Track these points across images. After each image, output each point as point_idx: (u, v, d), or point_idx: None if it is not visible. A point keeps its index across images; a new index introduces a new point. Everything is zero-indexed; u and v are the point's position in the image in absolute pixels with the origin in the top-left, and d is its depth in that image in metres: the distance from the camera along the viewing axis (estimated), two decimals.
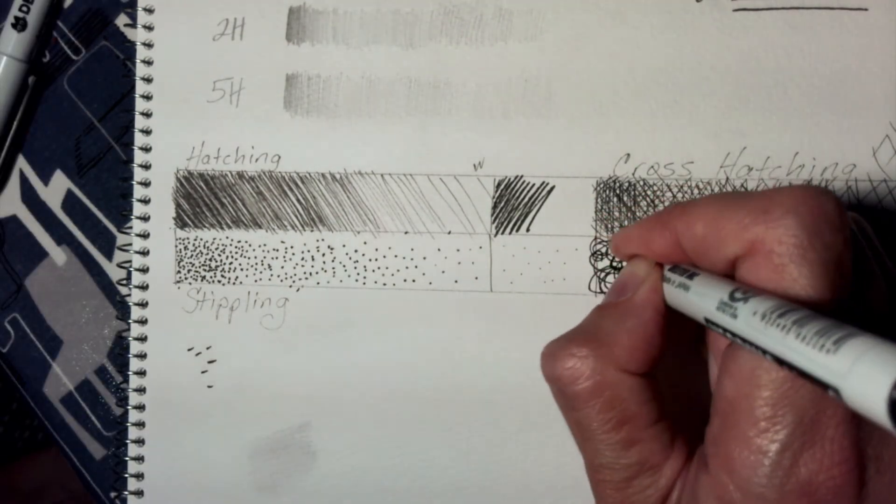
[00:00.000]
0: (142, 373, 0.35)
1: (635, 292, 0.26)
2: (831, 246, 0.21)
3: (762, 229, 0.21)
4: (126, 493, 0.35)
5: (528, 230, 0.33)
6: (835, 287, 0.20)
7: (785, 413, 0.20)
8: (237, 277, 0.34)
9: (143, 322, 0.35)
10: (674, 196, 0.32)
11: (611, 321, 0.25)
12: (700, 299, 0.22)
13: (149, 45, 0.35)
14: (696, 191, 0.32)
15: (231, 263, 0.35)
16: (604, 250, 0.33)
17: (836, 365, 0.17)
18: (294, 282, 0.34)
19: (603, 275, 0.32)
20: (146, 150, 0.35)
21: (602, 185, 0.33)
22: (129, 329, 0.35)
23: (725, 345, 0.22)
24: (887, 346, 0.16)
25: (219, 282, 0.35)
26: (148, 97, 0.35)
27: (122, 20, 0.37)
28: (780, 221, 0.21)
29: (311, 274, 0.34)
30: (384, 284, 0.34)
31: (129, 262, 0.35)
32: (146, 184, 0.35)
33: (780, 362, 0.19)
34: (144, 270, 0.35)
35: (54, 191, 0.37)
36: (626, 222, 0.32)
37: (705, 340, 0.26)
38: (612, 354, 0.24)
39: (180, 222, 0.35)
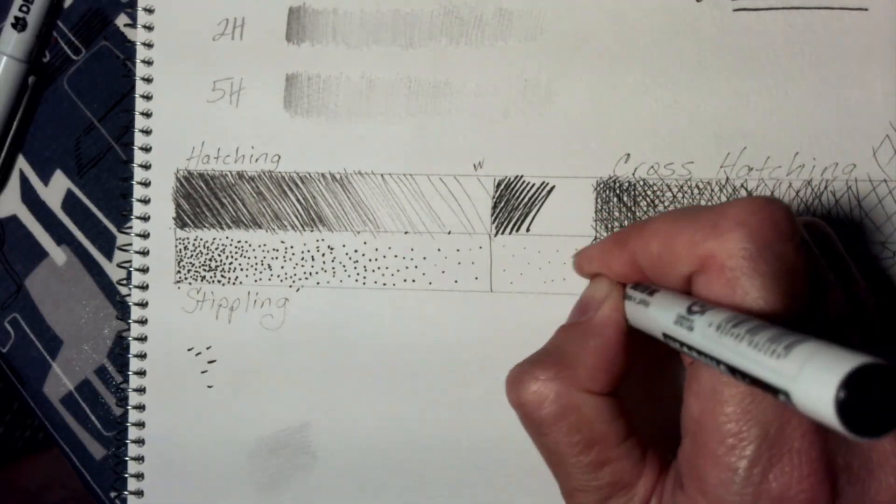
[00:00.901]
0: (142, 373, 0.35)
1: (596, 312, 0.26)
2: (782, 255, 0.21)
3: (713, 244, 0.21)
4: (126, 493, 0.35)
5: (528, 230, 0.33)
6: (788, 296, 0.20)
7: (750, 428, 0.20)
8: (237, 277, 0.34)
9: (143, 322, 0.35)
10: (674, 196, 0.32)
11: (573, 342, 0.25)
12: (659, 315, 0.22)
13: (149, 45, 0.35)
14: (695, 191, 0.32)
15: (231, 263, 0.35)
16: None
17: (786, 368, 0.17)
18: (294, 282, 0.34)
19: None
20: (146, 150, 0.35)
21: (602, 185, 0.33)
22: (129, 329, 0.35)
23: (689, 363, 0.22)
24: (835, 349, 0.16)
25: (219, 282, 0.35)
26: (148, 97, 0.35)
27: (122, 20, 0.37)
28: (729, 235, 0.21)
29: (311, 274, 0.34)
30: (384, 284, 0.34)
31: (129, 262, 0.35)
32: (146, 184, 0.35)
33: (734, 372, 0.19)
34: (144, 270, 0.35)
35: (54, 191, 0.37)
36: (625, 222, 0.32)
37: (674, 356, 0.26)
38: (575, 376, 0.24)
39: (180, 222, 0.35)
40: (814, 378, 0.16)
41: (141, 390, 0.35)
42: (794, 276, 0.21)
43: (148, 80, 0.35)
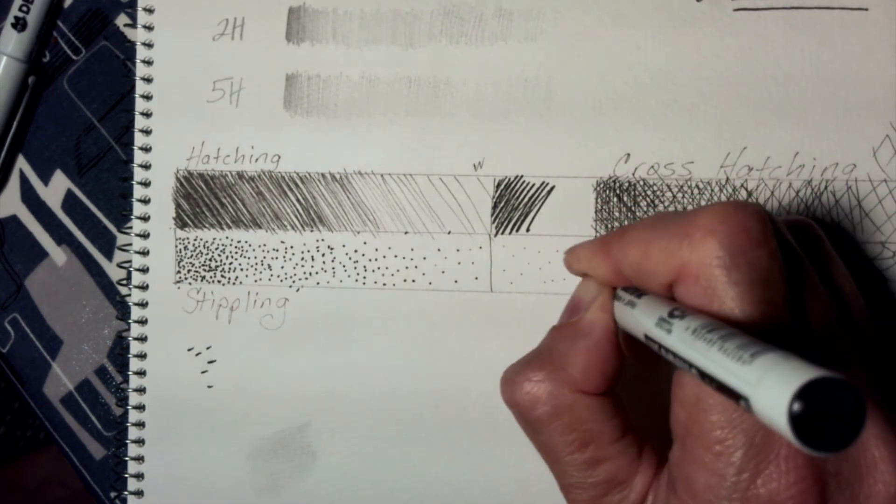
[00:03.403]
0: (142, 373, 0.35)
1: (585, 312, 0.26)
2: (755, 262, 0.21)
3: (686, 254, 0.21)
4: (126, 493, 0.35)
5: (528, 230, 0.33)
6: (764, 304, 0.20)
7: (735, 435, 0.20)
8: (237, 277, 0.34)
9: (143, 322, 0.35)
10: (674, 196, 0.32)
11: (563, 343, 0.25)
12: (642, 316, 0.22)
13: (149, 45, 0.35)
14: (695, 191, 0.32)
15: (231, 263, 0.35)
16: None
17: (749, 375, 0.17)
18: (294, 282, 0.34)
19: None
20: (146, 150, 0.35)
21: (602, 185, 0.33)
22: (129, 329, 0.35)
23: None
24: (797, 361, 0.16)
25: (219, 282, 0.35)
26: (148, 97, 0.35)
27: (122, 20, 0.37)
28: (701, 244, 0.21)
29: (311, 274, 0.34)
30: (384, 284, 0.34)
31: (129, 262, 0.35)
32: (146, 184, 0.35)
33: (703, 376, 0.19)
34: (144, 270, 0.35)
35: (54, 191, 0.37)
36: (625, 222, 0.32)
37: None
38: (567, 377, 0.24)
39: (180, 222, 0.35)
40: (772, 387, 0.16)
41: (141, 390, 0.35)
42: (770, 282, 0.21)
43: (148, 80, 0.35)
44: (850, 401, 0.15)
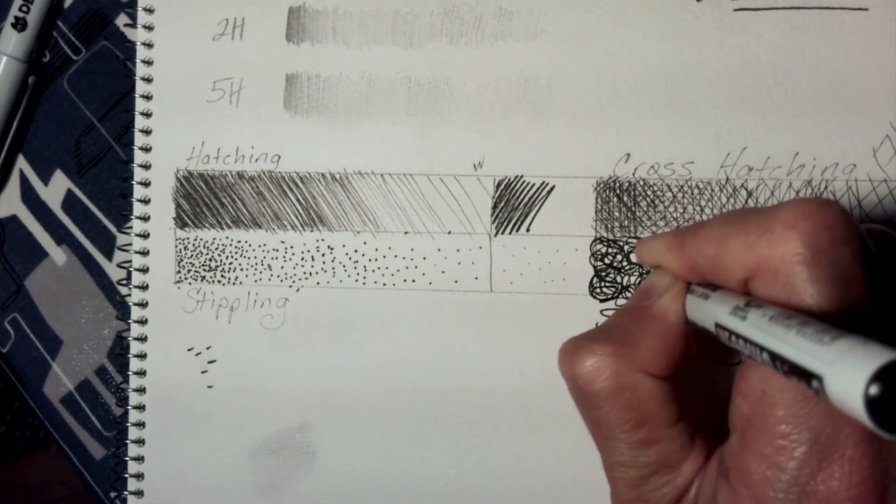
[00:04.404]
0: (142, 373, 0.35)
1: (659, 298, 0.26)
2: (837, 261, 0.20)
3: (766, 250, 0.21)
4: (126, 493, 0.35)
5: (528, 230, 0.33)
6: (845, 302, 0.20)
7: (801, 431, 0.20)
8: (237, 277, 0.34)
9: (143, 322, 0.35)
10: (674, 196, 0.32)
11: (634, 323, 0.25)
12: (716, 306, 0.22)
13: (149, 45, 0.35)
14: (695, 191, 0.32)
15: (231, 263, 0.35)
16: (604, 250, 0.33)
17: (826, 355, 0.16)
18: (294, 282, 0.34)
19: (603, 274, 0.32)
20: (146, 150, 0.35)
21: (602, 185, 0.33)
22: (129, 329, 0.35)
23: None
24: (879, 345, 0.16)
25: (219, 282, 0.35)
26: (148, 97, 0.35)
27: (122, 20, 0.37)
28: (782, 239, 0.20)
29: (311, 274, 0.34)
30: (384, 284, 0.34)
31: (129, 262, 0.35)
32: (146, 184, 0.35)
33: (775, 360, 0.19)
34: (144, 270, 0.35)
35: (54, 191, 0.37)
36: (626, 222, 0.32)
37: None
38: (634, 356, 0.24)
39: (180, 222, 0.35)
40: (849, 366, 0.15)
41: (141, 390, 0.35)
42: (851, 282, 0.20)
43: (148, 80, 0.35)
44: None
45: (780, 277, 0.21)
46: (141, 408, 0.35)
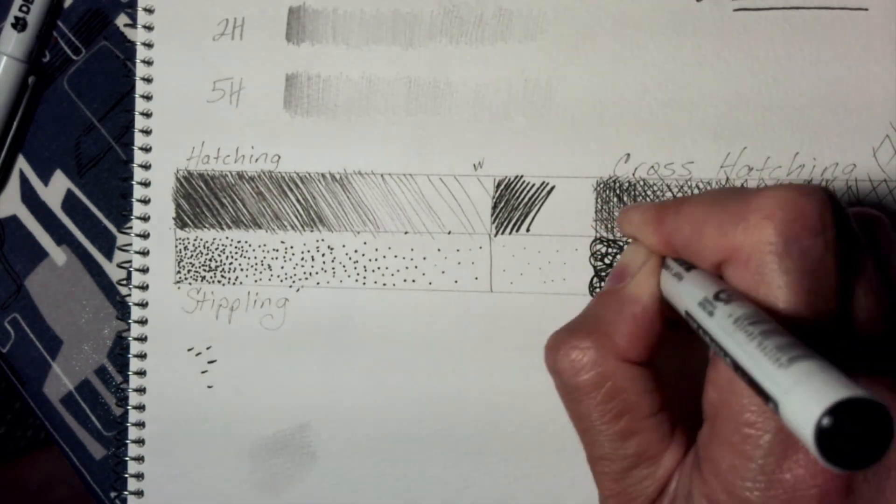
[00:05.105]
0: (142, 373, 0.35)
1: (632, 279, 0.25)
2: (808, 252, 0.20)
3: (740, 236, 0.21)
4: (126, 493, 0.35)
5: (528, 230, 0.33)
6: (811, 294, 0.20)
7: (766, 419, 0.20)
8: (237, 278, 0.34)
9: (143, 322, 0.35)
10: (674, 196, 0.32)
11: (610, 310, 0.25)
12: (687, 292, 0.22)
13: (149, 45, 0.35)
14: (695, 191, 0.32)
15: (231, 263, 0.35)
16: (603, 250, 0.33)
17: (783, 380, 0.16)
18: (294, 282, 0.34)
19: (603, 275, 0.32)
20: (146, 150, 0.35)
21: (602, 185, 0.33)
22: (129, 329, 0.35)
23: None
24: (835, 374, 0.16)
25: (219, 282, 0.35)
26: (148, 97, 0.35)
27: (122, 20, 0.37)
28: (756, 228, 0.20)
29: (311, 274, 0.34)
30: (384, 284, 0.34)
31: (129, 262, 0.35)
32: (146, 184, 0.35)
33: (737, 368, 0.19)
34: (144, 270, 0.35)
35: (54, 191, 0.37)
36: None
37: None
38: (612, 344, 0.24)
39: (180, 222, 0.35)
40: (803, 398, 0.16)
41: (141, 390, 0.35)
42: (821, 274, 0.20)
43: (148, 80, 0.35)
44: (879, 420, 0.15)
45: (750, 266, 0.20)
46: (141, 408, 0.35)
